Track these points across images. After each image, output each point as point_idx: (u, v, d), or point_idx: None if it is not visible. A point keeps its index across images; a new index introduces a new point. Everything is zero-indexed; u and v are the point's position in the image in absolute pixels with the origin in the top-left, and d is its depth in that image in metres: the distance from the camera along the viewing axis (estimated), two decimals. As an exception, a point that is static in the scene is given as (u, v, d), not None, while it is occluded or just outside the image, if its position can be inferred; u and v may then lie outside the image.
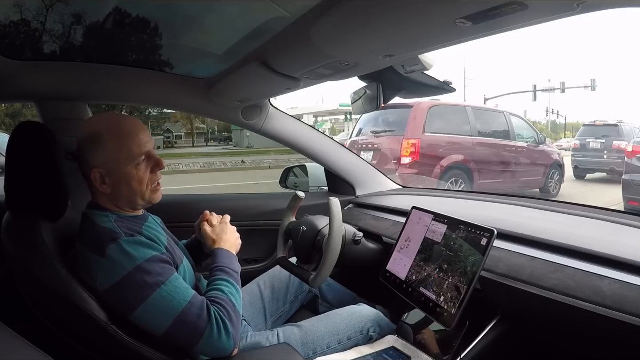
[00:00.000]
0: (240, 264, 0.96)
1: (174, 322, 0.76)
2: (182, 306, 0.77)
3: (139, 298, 0.76)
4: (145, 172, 0.87)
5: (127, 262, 0.77)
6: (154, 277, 0.77)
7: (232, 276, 0.89)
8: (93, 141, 0.84)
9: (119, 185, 0.85)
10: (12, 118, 12.62)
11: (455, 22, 0.60)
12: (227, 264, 0.91)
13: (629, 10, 1.12)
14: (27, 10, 1.01)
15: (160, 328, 0.77)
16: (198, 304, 0.78)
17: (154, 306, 0.76)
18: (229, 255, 0.94)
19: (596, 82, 17.32)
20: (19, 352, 0.47)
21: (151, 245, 0.81)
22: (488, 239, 0.86)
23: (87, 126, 0.88)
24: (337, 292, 1.34)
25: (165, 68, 1.35)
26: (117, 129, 0.85)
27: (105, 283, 0.77)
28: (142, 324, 0.78)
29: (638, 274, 0.73)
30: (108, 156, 0.83)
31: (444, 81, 1.06)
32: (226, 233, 1.00)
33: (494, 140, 5.67)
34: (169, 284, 0.78)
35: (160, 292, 0.76)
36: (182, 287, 0.80)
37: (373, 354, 0.99)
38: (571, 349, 0.93)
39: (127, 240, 0.79)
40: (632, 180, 4.82)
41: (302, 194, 1.26)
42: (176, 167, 12.41)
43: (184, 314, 0.76)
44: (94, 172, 0.84)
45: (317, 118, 22.90)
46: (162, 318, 0.76)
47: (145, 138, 0.87)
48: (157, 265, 0.79)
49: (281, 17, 0.86)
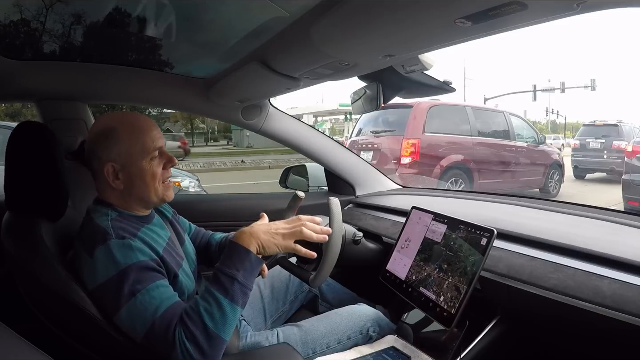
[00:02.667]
0: None
1: (146, 334, 0.74)
2: (151, 320, 0.73)
3: (117, 303, 0.74)
4: (158, 167, 0.87)
5: (111, 265, 0.75)
6: (132, 286, 0.74)
7: (221, 284, 0.76)
8: (107, 136, 0.84)
9: (132, 180, 0.84)
10: (12, 118, 12.63)
11: (455, 22, 0.60)
12: (229, 268, 0.78)
13: (629, 10, 1.12)
14: (27, 10, 1.01)
15: (138, 335, 0.75)
16: (166, 323, 0.73)
17: (130, 313, 0.74)
18: (243, 257, 0.79)
19: (596, 82, 17.34)
20: (19, 352, 0.47)
21: (141, 249, 0.78)
22: (488, 239, 0.86)
23: (100, 123, 0.87)
24: (337, 292, 1.34)
25: (165, 68, 1.35)
26: (131, 124, 0.85)
27: (91, 283, 0.77)
28: (124, 329, 0.76)
29: (638, 274, 0.73)
30: (122, 150, 0.83)
31: (444, 81, 1.06)
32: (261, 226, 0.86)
33: (494, 140, 5.67)
34: (145, 293, 0.74)
35: (135, 301, 0.74)
36: (159, 298, 0.75)
37: (373, 354, 0.99)
38: (571, 349, 0.93)
39: (116, 242, 0.77)
40: (632, 180, 4.83)
41: (302, 194, 1.25)
42: (176, 167, 12.41)
43: (153, 329, 0.73)
44: (108, 166, 0.83)
45: (317, 118, 22.90)
46: (137, 326, 0.74)
47: (158, 134, 0.87)
48: (139, 272, 0.76)
49: (281, 17, 0.86)
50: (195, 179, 4.49)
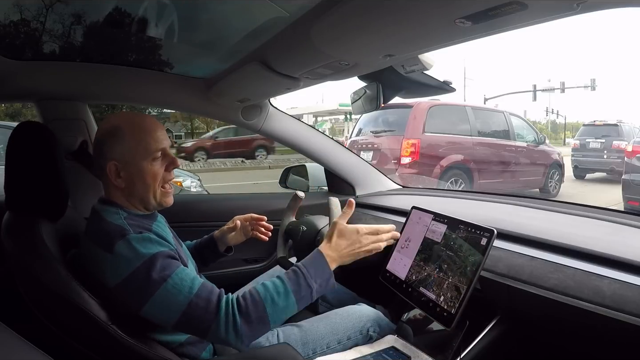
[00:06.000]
0: (240, 264, 0.96)
1: (182, 316, 0.77)
2: (188, 299, 0.77)
3: (146, 293, 0.76)
4: (160, 169, 0.88)
5: (134, 258, 0.77)
6: (160, 272, 0.77)
7: (296, 282, 0.83)
8: (112, 135, 0.85)
9: (133, 179, 0.86)
10: (12, 118, 12.62)
11: (455, 22, 0.60)
12: (308, 270, 0.85)
13: (629, 10, 1.12)
14: (27, 10, 1.01)
15: (170, 321, 0.78)
16: (205, 296, 0.78)
17: (161, 301, 0.77)
18: (323, 270, 0.87)
19: (596, 82, 17.34)
20: (19, 352, 0.47)
21: (160, 242, 0.81)
22: (488, 239, 0.86)
23: (108, 121, 0.90)
24: (337, 292, 1.34)
25: (165, 68, 1.35)
26: (137, 125, 0.87)
27: (114, 279, 0.78)
28: (153, 318, 0.79)
29: (638, 274, 0.73)
30: (126, 149, 0.85)
31: (444, 81, 1.06)
32: (361, 241, 0.95)
33: (494, 140, 5.67)
34: (175, 277, 0.78)
35: (167, 286, 0.77)
36: (189, 279, 0.79)
37: (373, 354, 0.99)
38: (571, 349, 0.93)
39: (135, 237, 0.79)
40: (632, 180, 4.83)
41: (302, 194, 1.26)
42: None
43: (190, 307, 0.77)
44: (110, 164, 0.85)
45: (317, 118, 22.88)
46: (170, 312, 0.77)
47: (162, 136, 0.89)
48: (163, 260, 0.79)
49: (281, 17, 0.86)
50: (196, 179, 4.51)
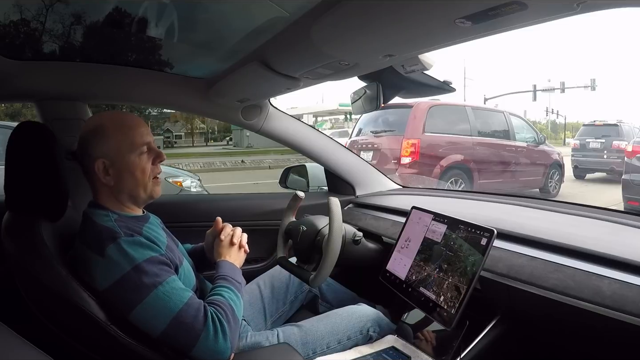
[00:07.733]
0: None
1: (170, 323, 0.76)
2: (178, 307, 0.77)
3: (136, 298, 0.76)
4: (148, 162, 0.90)
5: (125, 262, 0.77)
6: (152, 278, 0.77)
7: (233, 285, 0.89)
8: (97, 133, 0.87)
9: (122, 174, 0.87)
10: (12, 118, 12.62)
11: (455, 22, 0.60)
12: (231, 274, 0.92)
13: (629, 10, 1.12)
14: (27, 10, 1.01)
15: (157, 329, 0.77)
16: (195, 306, 0.79)
17: (151, 307, 0.76)
18: (233, 268, 0.95)
19: (596, 82, 17.33)
20: (19, 352, 0.47)
21: (150, 246, 0.81)
22: (488, 239, 0.86)
23: (90, 122, 0.92)
24: (337, 292, 1.34)
25: (165, 68, 1.35)
26: (119, 121, 0.89)
27: (105, 283, 0.78)
28: (140, 324, 0.78)
29: (638, 274, 0.73)
30: (112, 145, 0.86)
31: (444, 81, 1.06)
32: (233, 251, 0.99)
33: (493, 140, 5.67)
34: (166, 285, 0.78)
35: (157, 292, 0.77)
36: (179, 288, 0.80)
37: (373, 354, 0.99)
38: (571, 349, 0.93)
39: (126, 240, 0.79)
40: (632, 180, 4.83)
41: (302, 194, 1.26)
42: (176, 167, 12.39)
43: (180, 315, 0.77)
44: (98, 162, 0.86)
45: (317, 118, 22.88)
46: (159, 319, 0.77)
47: (146, 131, 0.91)
48: (155, 266, 0.79)
49: (281, 17, 0.86)
50: (196, 179, 4.50)
